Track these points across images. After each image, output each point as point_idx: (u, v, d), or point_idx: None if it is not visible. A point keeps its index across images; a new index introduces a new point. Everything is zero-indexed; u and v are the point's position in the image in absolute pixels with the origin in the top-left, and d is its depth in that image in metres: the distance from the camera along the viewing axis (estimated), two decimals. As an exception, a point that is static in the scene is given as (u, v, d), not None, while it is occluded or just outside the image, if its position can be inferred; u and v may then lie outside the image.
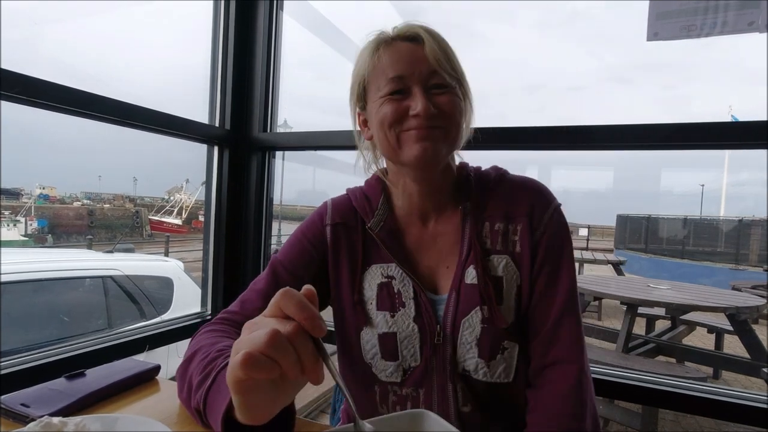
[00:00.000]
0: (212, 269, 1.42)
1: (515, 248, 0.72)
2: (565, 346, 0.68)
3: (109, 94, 1.03)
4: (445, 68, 0.68)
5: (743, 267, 10.22)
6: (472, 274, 0.70)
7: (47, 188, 29.49)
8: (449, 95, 0.68)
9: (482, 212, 0.74)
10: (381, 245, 0.75)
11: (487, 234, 0.73)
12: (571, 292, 0.71)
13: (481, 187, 0.76)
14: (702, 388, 0.98)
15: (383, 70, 0.69)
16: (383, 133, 0.70)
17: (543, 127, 1.07)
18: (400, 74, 0.68)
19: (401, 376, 0.71)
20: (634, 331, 3.28)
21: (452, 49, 0.71)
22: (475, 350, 0.68)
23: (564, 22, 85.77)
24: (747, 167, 19.04)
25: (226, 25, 1.40)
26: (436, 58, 0.67)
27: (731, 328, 3.33)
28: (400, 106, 0.68)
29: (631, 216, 14.11)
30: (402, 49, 0.69)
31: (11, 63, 0.85)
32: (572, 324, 0.69)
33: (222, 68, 1.40)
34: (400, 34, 0.70)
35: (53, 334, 2.44)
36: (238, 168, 1.43)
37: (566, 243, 0.73)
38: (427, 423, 0.50)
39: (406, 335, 0.70)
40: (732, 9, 0.98)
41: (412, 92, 0.68)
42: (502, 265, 0.71)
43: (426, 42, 0.67)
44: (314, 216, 0.81)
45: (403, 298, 0.72)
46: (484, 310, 0.68)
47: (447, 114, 0.68)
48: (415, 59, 0.68)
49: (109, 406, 0.73)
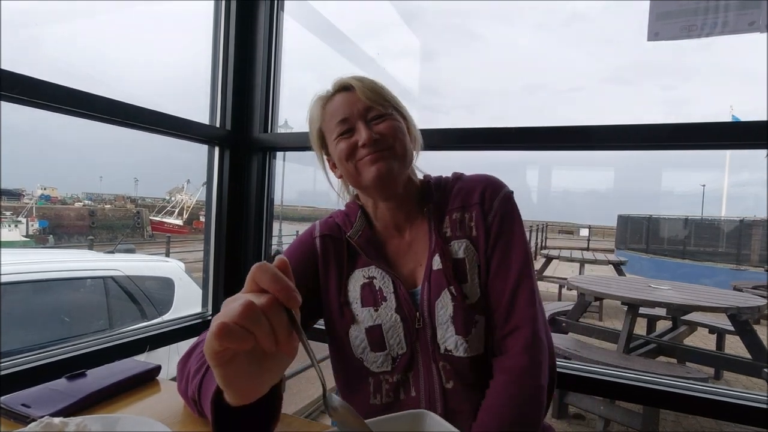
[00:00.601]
0: (213, 270, 1.43)
1: (472, 232, 0.82)
2: (521, 311, 0.76)
3: (110, 95, 1.03)
4: (377, 101, 0.81)
5: (744, 267, 10.20)
6: (437, 261, 0.80)
7: (48, 189, 29.55)
8: (387, 121, 0.81)
9: (442, 209, 0.84)
10: (360, 251, 0.84)
11: (447, 224, 0.83)
12: (523, 264, 0.78)
13: (440, 190, 0.87)
14: (703, 389, 0.98)
15: (330, 117, 0.83)
16: (344, 167, 0.82)
17: (543, 127, 1.07)
18: (344, 116, 0.81)
19: (391, 365, 0.79)
20: (635, 331, 3.27)
21: (382, 85, 0.85)
22: (452, 328, 0.76)
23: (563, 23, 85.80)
24: (748, 167, 19.02)
25: (226, 26, 1.40)
26: (367, 96, 0.81)
27: (732, 329, 3.33)
28: (350, 142, 0.80)
29: (632, 216, 14.09)
30: (341, 98, 0.83)
31: (11, 63, 0.85)
32: (526, 293, 0.77)
33: (223, 68, 1.40)
34: (337, 88, 0.85)
35: (54, 335, 2.44)
36: (239, 168, 1.43)
37: (516, 222, 0.82)
38: (428, 423, 0.50)
39: (390, 325, 0.79)
40: (732, 9, 0.98)
41: (356, 128, 0.80)
42: (462, 248, 0.81)
43: (356, 88, 0.81)
44: (305, 234, 0.91)
45: (384, 294, 0.81)
46: (451, 290, 0.77)
47: (388, 135, 0.80)
48: (352, 103, 0.82)
49: (109, 406, 0.73)
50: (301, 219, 17.46)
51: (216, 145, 1.40)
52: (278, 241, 8.27)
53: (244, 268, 1.44)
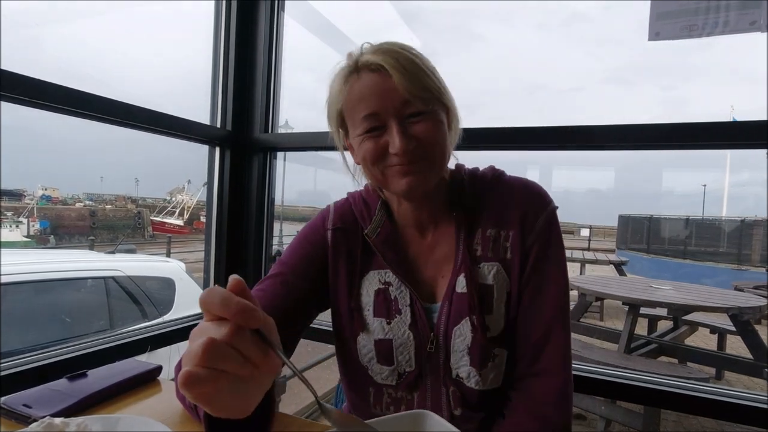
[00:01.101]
0: (214, 270, 1.42)
1: (506, 255, 0.71)
2: (552, 357, 0.68)
3: (111, 95, 1.03)
4: (417, 94, 0.64)
5: (745, 267, 10.19)
6: (462, 283, 0.70)
7: (49, 189, 29.60)
8: (427, 122, 0.66)
9: (475, 219, 0.73)
10: (377, 253, 0.75)
11: (479, 241, 0.72)
12: (560, 300, 0.70)
13: (475, 191, 0.75)
14: (704, 389, 0.98)
15: (355, 105, 0.68)
16: (367, 169, 0.70)
17: (543, 127, 1.07)
18: (373, 111, 0.66)
19: (396, 380, 0.73)
20: (636, 331, 3.27)
21: (424, 67, 0.67)
22: (467, 358, 0.69)
23: (563, 23, 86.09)
24: (749, 167, 19.00)
25: (227, 26, 1.40)
26: (407, 88, 0.64)
27: (734, 329, 3.32)
28: (379, 144, 0.66)
29: (632, 216, 14.07)
30: (370, 82, 0.66)
31: (13, 64, 0.85)
32: (561, 334, 0.69)
33: (223, 69, 1.40)
34: (366, 65, 0.67)
35: (55, 335, 2.44)
36: (240, 169, 1.43)
37: (558, 250, 0.72)
38: (428, 423, 0.50)
39: (402, 342, 0.72)
40: (733, 9, 0.98)
41: (388, 126, 0.66)
42: (492, 273, 0.71)
43: (392, 73, 0.64)
44: (317, 219, 0.82)
45: (399, 305, 0.73)
46: (473, 320, 0.68)
47: (426, 142, 0.66)
48: (384, 92, 0.65)
49: (110, 406, 0.73)
50: (302, 219, 17.49)
51: (216, 146, 1.40)
52: (279, 241, 8.27)
53: (244, 268, 1.45)
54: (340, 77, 0.70)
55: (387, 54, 0.65)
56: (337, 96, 0.70)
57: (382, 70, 0.65)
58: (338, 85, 0.70)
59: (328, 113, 0.74)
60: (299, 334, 0.77)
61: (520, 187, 0.74)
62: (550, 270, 0.71)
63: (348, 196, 0.84)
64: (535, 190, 0.74)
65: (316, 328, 1.25)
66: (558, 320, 0.69)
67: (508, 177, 0.77)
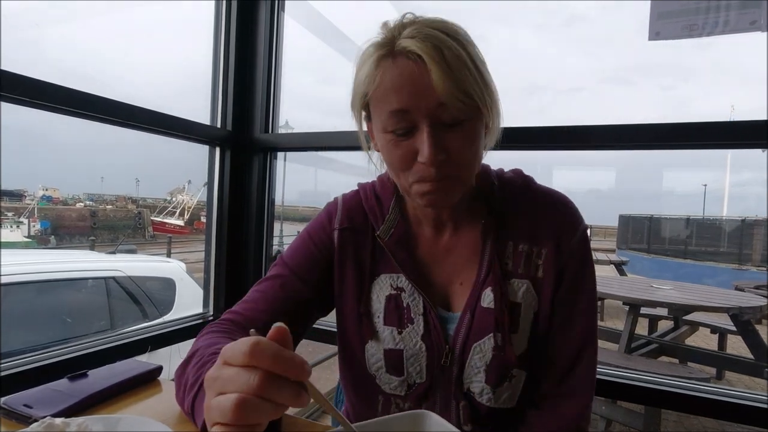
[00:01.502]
0: (214, 270, 1.42)
1: (537, 273, 0.67)
2: (582, 378, 0.67)
3: (111, 96, 1.03)
4: (457, 98, 0.56)
5: (746, 267, 10.19)
6: (489, 297, 0.66)
7: (50, 190, 29.63)
8: (462, 134, 0.59)
9: (505, 229, 0.69)
10: (390, 255, 0.70)
11: (510, 255, 0.68)
12: (592, 321, 0.69)
13: (504, 197, 0.70)
14: (705, 389, 0.98)
15: (384, 96, 0.60)
16: (393, 173, 0.65)
17: (543, 127, 1.07)
18: (403, 108, 0.58)
19: (405, 390, 0.70)
20: (637, 331, 3.27)
21: (472, 62, 0.58)
22: (482, 375, 0.66)
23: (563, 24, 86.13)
24: (749, 167, 18.99)
25: (227, 26, 1.40)
26: (445, 89, 0.55)
27: (734, 329, 3.32)
28: (407, 151, 0.60)
29: (633, 216, 14.07)
30: (405, 71, 0.58)
31: (13, 64, 0.85)
32: (591, 355, 0.68)
33: (223, 69, 1.40)
34: (403, 51, 0.58)
35: (56, 335, 2.44)
36: (240, 169, 1.43)
37: (591, 270, 0.70)
38: (429, 423, 0.50)
39: (413, 353, 0.68)
40: (734, 8, 0.98)
41: (418, 128, 0.59)
42: (522, 290, 0.67)
43: (432, 67, 0.55)
44: (323, 217, 0.77)
45: (411, 314, 0.68)
46: (497, 338, 0.65)
47: (458, 161, 0.60)
48: (420, 88, 0.57)
49: (111, 406, 0.73)
50: (303, 219, 17.47)
51: (217, 146, 1.40)
52: (279, 242, 8.27)
53: (245, 268, 1.45)
54: (371, 60, 0.61)
55: (430, 41, 0.56)
56: (365, 79, 0.61)
57: (420, 60, 0.57)
58: (368, 69, 0.61)
59: (352, 94, 0.66)
60: (300, 337, 0.75)
61: (553, 201, 0.71)
62: (584, 291, 0.68)
63: (359, 189, 0.78)
64: (569, 207, 0.71)
65: (317, 329, 1.25)
66: (589, 342, 0.68)
67: (537, 185, 0.73)
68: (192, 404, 0.54)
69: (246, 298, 0.74)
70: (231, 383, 0.35)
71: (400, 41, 0.58)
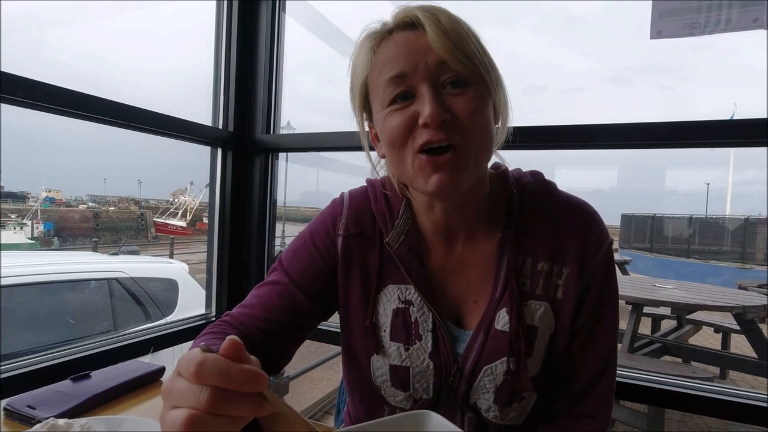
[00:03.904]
0: (216, 271, 1.43)
1: (557, 293, 0.63)
2: (600, 402, 0.65)
3: (113, 97, 1.04)
4: (458, 56, 0.53)
5: (749, 266, 10.15)
6: (504, 319, 0.62)
7: (53, 191, 29.74)
8: (467, 96, 0.55)
9: (524, 244, 0.64)
10: (399, 266, 0.65)
11: (528, 274, 0.63)
12: (613, 342, 0.65)
13: (522, 207, 0.65)
14: (708, 388, 0.98)
15: (381, 68, 0.57)
16: (395, 155, 0.59)
17: (544, 126, 1.07)
18: (400, 72, 0.55)
19: (410, 404, 0.68)
20: (640, 331, 3.26)
21: (468, 30, 0.56)
22: (491, 395, 0.63)
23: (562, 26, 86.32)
24: (753, 165, 18.93)
25: (228, 27, 1.40)
26: (444, 46, 0.53)
27: (738, 328, 3.31)
28: (407, 116, 0.55)
29: (635, 215, 14.04)
30: (400, 40, 0.56)
31: (15, 66, 0.85)
32: (610, 378, 0.65)
33: (225, 70, 1.41)
34: (398, 23, 0.57)
35: (59, 336, 2.45)
36: (242, 170, 1.43)
37: (614, 289, 0.66)
38: (431, 424, 0.50)
39: (420, 371, 0.64)
40: (735, 7, 0.97)
41: (418, 93, 0.55)
42: (539, 312, 0.62)
43: (428, 27, 0.53)
44: (326, 218, 0.71)
45: (420, 330, 0.64)
46: (510, 362, 0.61)
47: (465, 124, 0.55)
48: (416, 50, 0.54)
49: (114, 407, 0.74)
50: (304, 220, 17.54)
51: (218, 147, 1.40)
52: (281, 242, 8.28)
53: (247, 269, 1.45)
54: (365, 44, 0.59)
55: (425, 9, 0.55)
56: (362, 65, 0.60)
57: (415, 26, 0.55)
58: (364, 54, 0.59)
59: (350, 87, 0.64)
60: (299, 342, 0.73)
61: (578, 215, 0.65)
62: (606, 312, 0.64)
63: (368, 186, 0.72)
64: (594, 220, 0.65)
65: (319, 329, 1.25)
66: (610, 363, 0.65)
67: (559, 194, 0.67)
68: None
69: (245, 302, 0.72)
70: (183, 398, 0.35)
71: (394, 19, 0.58)
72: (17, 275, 2.36)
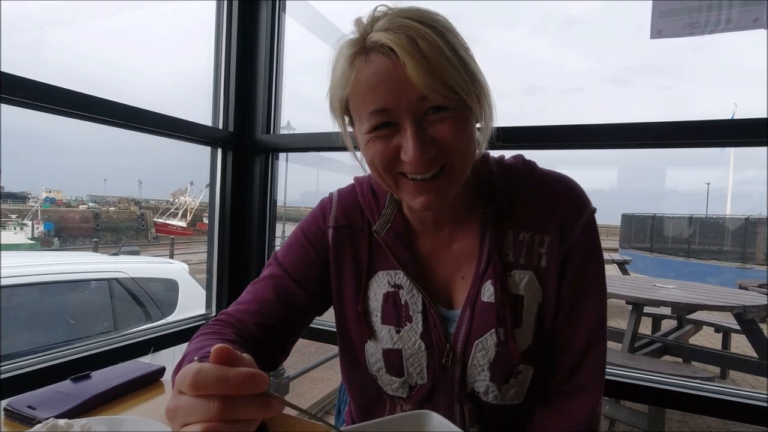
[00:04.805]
0: (216, 271, 1.43)
1: (540, 262, 0.64)
2: (590, 374, 0.65)
3: (114, 98, 1.04)
4: (437, 90, 0.52)
5: (750, 266, 10.15)
6: (489, 290, 0.63)
7: (53, 192, 29.79)
8: (449, 122, 0.55)
9: (506, 218, 0.65)
10: (387, 252, 0.67)
11: (510, 245, 0.65)
12: (600, 312, 0.66)
13: (505, 185, 0.66)
14: (709, 388, 0.98)
15: (362, 97, 0.56)
16: (377, 174, 0.60)
17: (544, 126, 1.07)
18: (382, 107, 0.54)
19: (407, 392, 0.68)
20: (640, 330, 3.26)
21: (451, 50, 0.53)
22: (487, 373, 0.63)
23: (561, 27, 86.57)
24: (753, 165, 18.93)
25: (228, 28, 1.40)
26: (424, 81, 0.51)
27: (738, 328, 3.31)
28: (389, 147, 0.56)
29: (635, 215, 14.04)
30: (380, 68, 0.53)
31: (16, 66, 0.85)
32: (600, 349, 0.65)
33: (225, 70, 1.41)
34: (376, 44, 0.53)
35: (59, 337, 2.45)
36: (242, 170, 1.43)
37: (598, 256, 0.66)
38: (432, 423, 0.50)
39: (412, 353, 0.65)
40: (736, 6, 0.97)
41: (401, 125, 0.55)
42: (524, 282, 0.63)
43: (407, 62, 0.51)
44: (317, 213, 0.74)
45: (410, 312, 0.66)
46: (500, 333, 0.62)
47: (449, 147, 0.55)
48: (397, 84, 0.52)
49: (114, 407, 0.74)
50: (304, 220, 17.48)
51: (219, 147, 1.40)
52: (281, 242, 8.27)
53: (247, 269, 1.45)
54: (344, 58, 0.57)
55: (403, 32, 0.52)
56: (340, 81, 0.57)
57: (394, 54, 0.52)
58: (342, 68, 0.57)
59: (330, 99, 0.62)
60: (296, 337, 0.74)
61: (558, 185, 0.67)
62: (591, 280, 0.65)
63: (355, 183, 0.75)
64: (574, 190, 0.66)
65: (320, 329, 1.25)
66: (598, 334, 0.65)
67: (541, 170, 0.69)
68: None
69: (240, 299, 0.73)
70: (192, 414, 0.35)
71: (371, 37, 0.54)
72: (18, 275, 2.36)
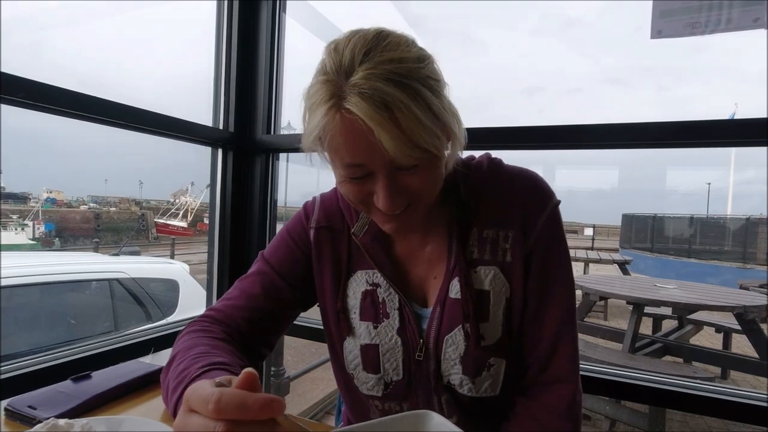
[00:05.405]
0: (217, 271, 1.43)
1: (505, 257, 0.66)
2: (562, 364, 0.66)
3: (114, 98, 1.04)
4: (411, 155, 0.53)
5: (750, 266, 10.14)
6: (456, 287, 0.66)
7: (54, 192, 29.82)
8: (420, 176, 0.57)
9: (472, 217, 0.68)
10: (365, 253, 0.70)
11: (475, 242, 0.67)
12: (568, 303, 0.67)
13: (471, 184, 0.69)
14: (709, 388, 0.98)
15: (337, 149, 0.56)
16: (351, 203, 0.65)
17: (544, 126, 1.07)
18: (357, 163, 0.56)
19: (382, 390, 0.69)
20: (641, 331, 3.26)
21: (427, 109, 0.53)
22: (459, 367, 0.65)
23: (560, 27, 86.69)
24: (754, 165, 18.91)
25: (229, 28, 1.40)
26: (398, 150, 0.52)
27: (739, 328, 3.30)
28: (362, 190, 0.58)
29: (636, 215, 14.03)
30: (355, 127, 0.52)
31: (16, 67, 0.85)
32: (570, 340, 0.66)
33: (225, 70, 1.41)
34: (350, 110, 0.52)
35: (60, 337, 2.46)
36: (242, 170, 1.43)
37: (563, 249, 0.67)
38: (431, 424, 0.50)
39: (389, 348, 0.68)
40: (736, 6, 0.97)
41: (374, 175, 0.57)
42: (489, 277, 0.66)
43: (379, 136, 0.51)
44: (301, 215, 0.78)
45: (387, 309, 0.69)
46: (466, 328, 0.64)
47: (419, 197, 0.59)
48: (371, 146, 0.53)
49: (114, 407, 0.74)
50: (305, 220, 17.47)
51: (219, 147, 1.41)
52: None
53: (247, 269, 1.44)
54: (321, 109, 0.55)
55: (378, 98, 0.51)
56: (317, 126, 0.56)
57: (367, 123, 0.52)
58: (318, 117, 0.55)
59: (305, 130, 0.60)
60: (281, 332, 0.77)
61: (520, 181, 0.68)
62: (556, 272, 0.66)
63: (337, 188, 0.76)
64: (537, 185, 0.68)
65: (320, 329, 1.25)
66: (567, 325, 0.66)
67: (506, 167, 0.70)
68: (175, 407, 0.55)
69: (227, 294, 0.75)
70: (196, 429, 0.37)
71: (347, 96, 0.52)
72: (18, 276, 2.36)
